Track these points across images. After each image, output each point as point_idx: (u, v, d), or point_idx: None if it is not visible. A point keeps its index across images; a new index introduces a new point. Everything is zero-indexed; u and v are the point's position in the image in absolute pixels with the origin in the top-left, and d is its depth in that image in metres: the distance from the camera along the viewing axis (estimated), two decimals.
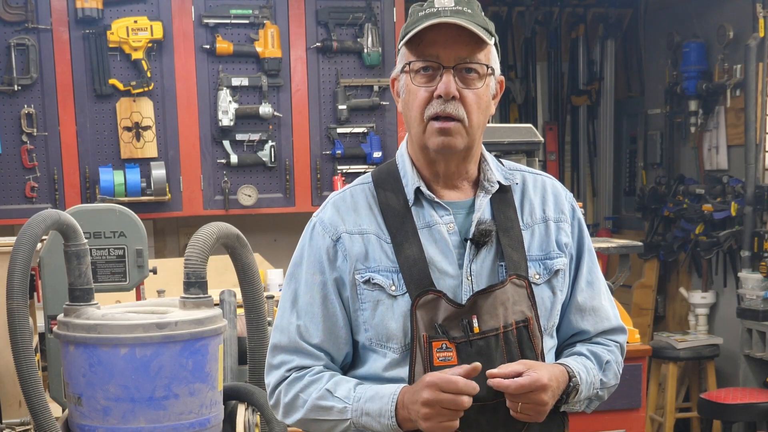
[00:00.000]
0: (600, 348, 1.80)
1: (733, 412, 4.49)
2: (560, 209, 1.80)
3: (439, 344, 1.64)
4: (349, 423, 1.65)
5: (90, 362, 1.42)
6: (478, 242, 1.69)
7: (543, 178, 1.84)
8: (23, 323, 1.43)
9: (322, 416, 1.67)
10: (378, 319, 1.67)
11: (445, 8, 1.64)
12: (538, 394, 1.59)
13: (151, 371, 1.42)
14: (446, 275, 1.67)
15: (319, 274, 1.72)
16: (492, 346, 1.65)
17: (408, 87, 1.68)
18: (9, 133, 4.49)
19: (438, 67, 1.63)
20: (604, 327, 1.82)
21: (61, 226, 1.52)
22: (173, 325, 1.44)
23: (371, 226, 1.71)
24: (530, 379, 1.58)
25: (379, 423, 1.62)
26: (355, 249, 1.69)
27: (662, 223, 5.96)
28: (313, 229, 1.76)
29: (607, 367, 1.79)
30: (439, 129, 1.64)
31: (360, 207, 1.73)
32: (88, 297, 1.52)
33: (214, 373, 1.50)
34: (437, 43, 1.62)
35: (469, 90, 1.64)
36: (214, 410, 1.53)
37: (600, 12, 6.31)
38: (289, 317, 1.74)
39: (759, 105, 5.00)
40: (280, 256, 5.00)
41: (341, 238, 1.71)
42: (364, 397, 1.64)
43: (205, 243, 1.49)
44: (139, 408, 1.42)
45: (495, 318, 1.66)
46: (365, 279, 1.68)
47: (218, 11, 4.66)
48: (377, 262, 1.68)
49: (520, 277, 1.70)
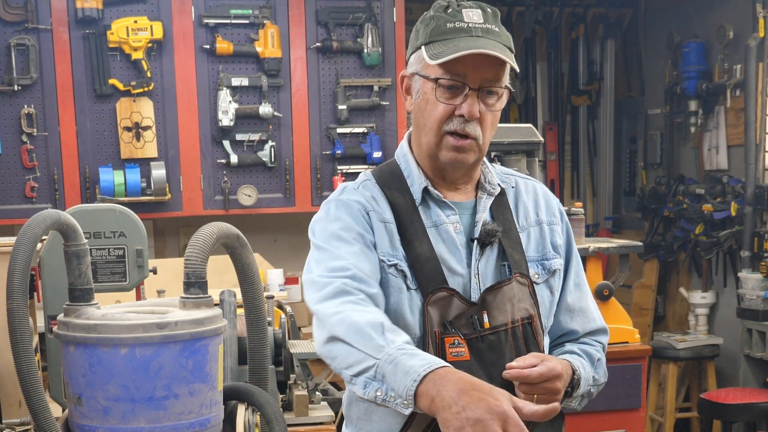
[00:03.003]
0: (589, 347, 1.86)
1: (733, 412, 4.49)
2: (552, 212, 1.86)
3: (451, 340, 1.66)
4: (375, 365, 1.48)
5: (90, 362, 1.42)
6: (484, 242, 1.72)
7: (533, 182, 1.90)
8: (23, 323, 1.42)
9: (357, 342, 1.50)
10: (396, 307, 1.67)
11: (475, 25, 1.65)
12: (553, 383, 1.63)
13: (151, 371, 1.42)
14: (455, 273, 1.70)
15: (354, 229, 1.67)
16: (502, 341, 1.69)
17: (427, 96, 1.69)
18: (9, 133, 4.49)
19: (463, 87, 1.65)
20: (591, 327, 1.88)
21: (61, 226, 1.52)
22: (173, 325, 1.43)
23: (390, 218, 1.72)
24: (547, 367, 1.62)
25: (398, 381, 1.44)
26: (380, 232, 1.70)
27: (662, 223, 5.96)
28: (338, 200, 1.73)
29: (598, 365, 1.84)
30: (455, 146, 1.67)
31: (378, 199, 1.74)
32: (88, 297, 1.52)
33: (214, 373, 1.50)
34: (466, 63, 1.63)
35: (488, 111, 1.67)
36: (214, 410, 1.53)
37: (600, 12, 6.31)
38: (334, 263, 1.63)
39: (759, 105, 5.01)
40: (280, 256, 5.01)
41: (371, 215, 1.71)
42: (408, 352, 1.47)
43: (205, 243, 1.49)
44: (139, 408, 1.42)
45: (504, 313, 1.70)
46: (392, 263, 1.68)
47: (218, 11, 4.66)
48: (398, 251, 1.69)
49: (523, 275, 1.74)
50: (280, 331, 2.72)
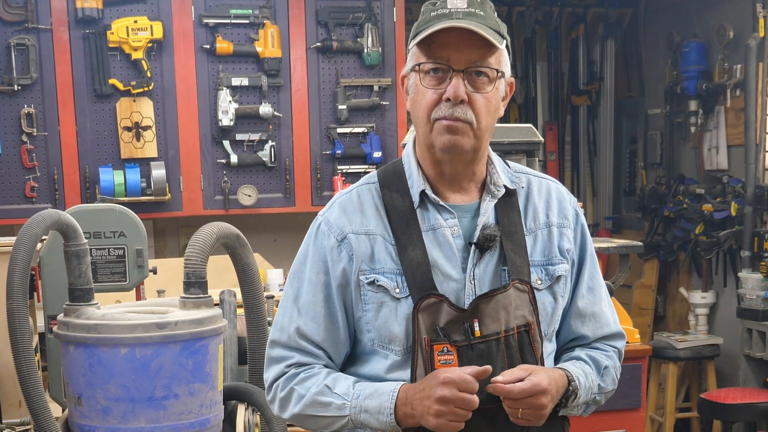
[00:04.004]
0: (599, 353, 1.81)
1: (733, 412, 4.49)
2: (564, 214, 1.80)
3: (440, 347, 1.63)
4: (347, 420, 1.64)
5: (90, 362, 1.42)
6: (482, 246, 1.68)
7: (548, 182, 1.83)
8: (23, 323, 1.43)
9: (320, 412, 1.66)
10: (381, 321, 1.67)
11: (457, 9, 1.62)
12: (537, 398, 1.59)
13: (151, 371, 1.42)
14: (449, 279, 1.67)
15: (322, 274, 1.71)
16: (493, 350, 1.65)
17: (417, 87, 1.66)
18: (9, 133, 4.49)
19: (448, 70, 1.62)
20: (603, 333, 1.83)
21: (61, 226, 1.52)
22: (173, 325, 1.44)
23: (378, 227, 1.70)
24: (531, 383, 1.59)
25: (377, 420, 1.62)
26: (361, 249, 1.68)
27: (662, 223, 5.96)
28: (318, 228, 1.74)
29: (605, 373, 1.79)
30: (447, 126, 1.62)
31: (366, 207, 1.72)
32: (88, 297, 1.52)
33: (214, 373, 1.50)
34: (448, 46, 1.61)
35: (478, 94, 1.63)
36: (214, 410, 1.53)
37: (600, 12, 6.31)
38: (290, 315, 1.72)
39: (759, 105, 5.00)
40: (280, 256, 5.00)
41: (347, 239, 1.69)
42: (363, 394, 1.63)
43: (205, 243, 1.49)
44: (139, 408, 1.42)
45: (497, 322, 1.66)
46: (370, 280, 1.67)
47: (218, 11, 4.66)
48: (382, 263, 1.67)
49: (523, 282, 1.69)
50: None
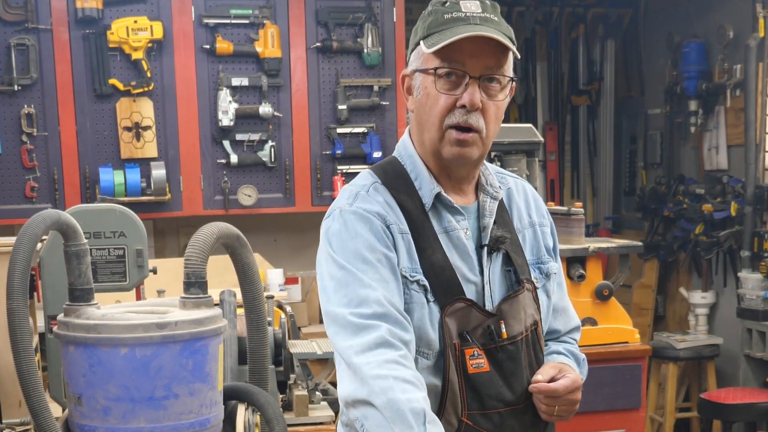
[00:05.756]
0: (572, 347, 1.85)
1: (733, 412, 4.49)
2: (541, 213, 1.82)
3: (471, 351, 1.61)
4: None
5: (90, 362, 1.42)
6: (492, 248, 1.67)
7: (522, 182, 1.85)
8: (23, 323, 1.42)
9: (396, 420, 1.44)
10: (419, 323, 1.59)
11: (473, 14, 1.59)
12: (575, 394, 1.63)
13: (151, 371, 1.42)
14: (469, 282, 1.64)
15: (381, 247, 1.58)
16: (520, 350, 1.66)
17: (428, 90, 1.62)
18: (9, 133, 4.49)
19: (463, 75, 1.59)
20: (571, 326, 1.87)
21: (61, 226, 1.51)
22: (173, 325, 1.43)
23: (405, 226, 1.63)
24: (569, 380, 1.62)
25: None
26: (399, 243, 1.60)
27: (662, 223, 5.96)
28: (357, 214, 1.61)
29: (583, 365, 1.84)
30: (457, 140, 1.60)
31: (392, 205, 1.64)
32: (88, 297, 1.52)
33: (214, 373, 1.50)
34: (465, 52, 1.58)
35: (491, 102, 1.61)
36: (214, 410, 1.52)
37: (600, 12, 6.31)
38: (363, 291, 1.54)
39: (759, 105, 5.00)
40: (280, 256, 5.01)
41: (390, 228, 1.61)
42: None
43: (205, 243, 1.49)
44: (139, 408, 1.42)
45: (519, 322, 1.67)
46: (416, 279, 1.60)
47: (218, 11, 4.66)
48: (416, 264, 1.61)
49: (529, 281, 1.71)
50: (280, 331, 2.72)
